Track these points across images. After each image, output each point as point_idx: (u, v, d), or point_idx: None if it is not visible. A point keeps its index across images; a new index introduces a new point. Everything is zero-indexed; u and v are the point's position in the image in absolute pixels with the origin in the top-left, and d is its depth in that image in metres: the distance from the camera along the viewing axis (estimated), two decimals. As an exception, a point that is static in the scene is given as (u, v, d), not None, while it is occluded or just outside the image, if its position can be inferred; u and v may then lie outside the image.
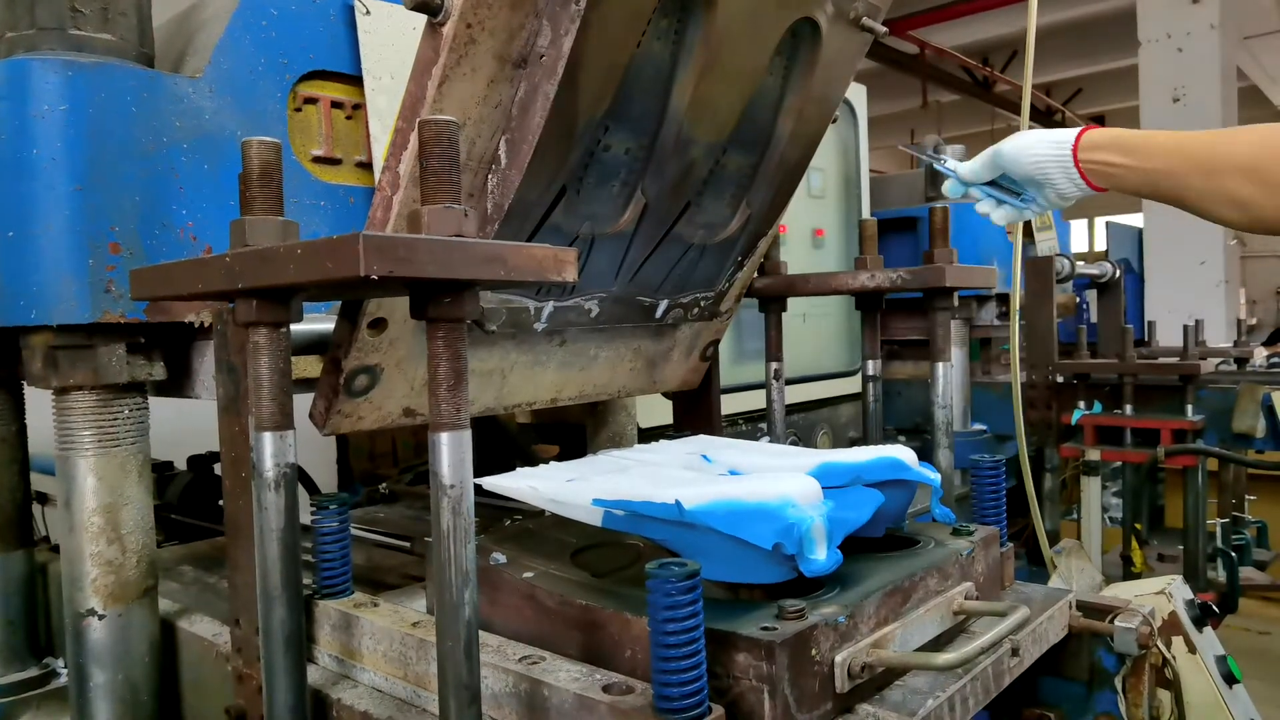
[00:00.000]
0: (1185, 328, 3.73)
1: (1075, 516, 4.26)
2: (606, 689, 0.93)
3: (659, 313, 1.60)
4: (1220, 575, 3.68)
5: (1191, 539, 3.65)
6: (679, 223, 1.46)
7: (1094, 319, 4.96)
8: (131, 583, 1.36)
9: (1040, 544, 2.57)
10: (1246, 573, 3.76)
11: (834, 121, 1.67)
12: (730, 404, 2.72)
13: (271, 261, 0.80)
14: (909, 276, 1.68)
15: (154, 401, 1.45)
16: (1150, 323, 4.88)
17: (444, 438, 0.83)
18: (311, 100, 1.50)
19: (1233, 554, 3.57)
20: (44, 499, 2.47)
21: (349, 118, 1.55)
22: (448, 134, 0.82)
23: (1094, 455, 3.81)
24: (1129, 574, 3.72)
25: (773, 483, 1.12)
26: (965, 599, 1.19)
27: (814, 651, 0.95)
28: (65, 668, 1.50)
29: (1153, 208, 7.82)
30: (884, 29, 1.45)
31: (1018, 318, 2.09)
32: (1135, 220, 8.47)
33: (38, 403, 1.56)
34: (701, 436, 1.70)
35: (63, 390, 1.32)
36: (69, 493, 1.34)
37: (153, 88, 1.31)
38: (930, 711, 1.00)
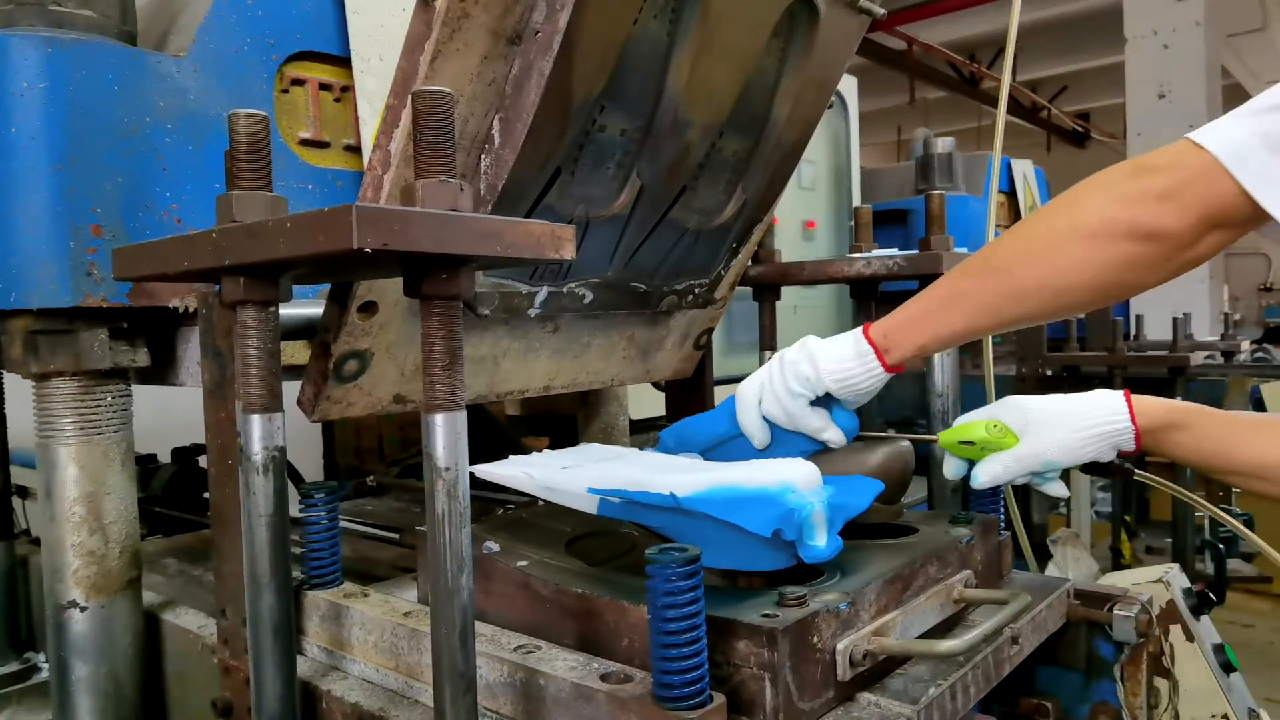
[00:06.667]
0: (1174, 320, 3.74)
1: (1063, 510, 4.27)
2: (604, 678, 0.91)
3: (654, 299, 1.58)
4: (1208, 567, 3.70)
5: (1180, 532, 3.66)
6: (674, 207, 1.44)
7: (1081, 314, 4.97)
8: (114, 574, 1.32)
9: (1019, 537, 2.56)
10: (1234, 565, 3.78)
11: (829, 107, 1.65)
12: (721, 397, 2.70)
13: (260, 236, 0.78)
14: (905, 263, 1.66)
15: (137, 394, 1.42)
16: (1138, 316, 4.90)
17: (438, 419, 0.81)
18: (299, 82, 1.47)
19: (1220, 546, 3.59)
20: (24, 493, 2.43)
21: (337, 100, 1.52)
22: (443, 105, 0.79)
23: (1083, 448, 3.81)
24: (1119, 566, 3.74)
25: (772, 469, 1.11)
26: (965, 587, 1.18)
27: (815, 639, 0.93)
28: (46, 662, 1.47)
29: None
30: (882, 11, 1.44)
31: None
32: (1121, 216, 8.50)
33: (17, 395, 1.53)
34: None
35: (43, 376, 1.29)
36: (50, 482, 1.30)
37: (135, 66, 1.28)
38: (932, 699, 0.98)
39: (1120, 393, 1.20)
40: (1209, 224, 1.02)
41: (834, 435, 1.26)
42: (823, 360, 1.21)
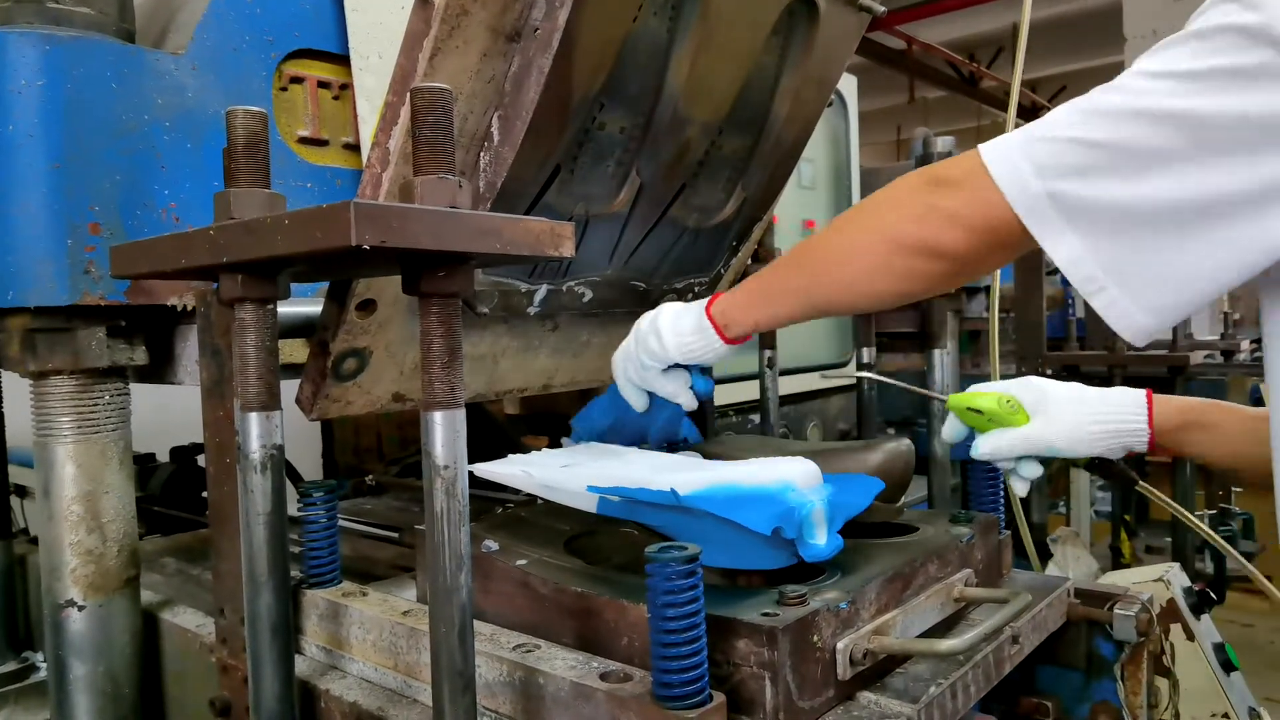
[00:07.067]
0: (1174, 319, 3.73)
1: (1062, 509, 4.28)
2: (604, 676, 0.91)
3: (653, 298, 1.57)
4: (1208, 567, 3.69)
5: (1180, 531, 3.65)
6: (674, 205, 1.44)
7: (1079, 314, 4.96)
8: (112, 572, 1.32)
9: (1023, 536, 2.56)
10: (1233, 564, 3.77)
11: (829, 106, 1.65)
12: (721, 396, 2.71)
13: (258, 233, 0.77)
14: (905, 262, 1.66)
15: (135, 392, 1.42)
16: (1138, 316, 4.88)
17: (438, 416, 0.81)
18: (297, 79, 1.47)
19: (1220, 545, 3.57)
20: (23, 492, 2.43)
21: (336, 98, 1.52)
22: (442, 102, 0.79)
23: (1083, 447, 3.80)
24: (1118, 565, 3.73)
25: (772, 467, 1.10)
26: (965, 586, 1.18)
27: (816, 638, 0.93)
28: (44, 661, 1.47)
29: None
30: (882, 9, 1.43)
31: (997, 303, 2.09)
32: (1120, 216, 8.49)
33: (15, 394, 1.52)
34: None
35: (41, 375, 1.28)
36: (48, 481, 1.30)
37: (134, 64, 1.27)
38: (933, 698, 0.98)
39: (1143, 392, 1.19)
40: (993, 245, 1.03)
41: (686, 400, 1.36)
42: (667, 335, 1.30)
